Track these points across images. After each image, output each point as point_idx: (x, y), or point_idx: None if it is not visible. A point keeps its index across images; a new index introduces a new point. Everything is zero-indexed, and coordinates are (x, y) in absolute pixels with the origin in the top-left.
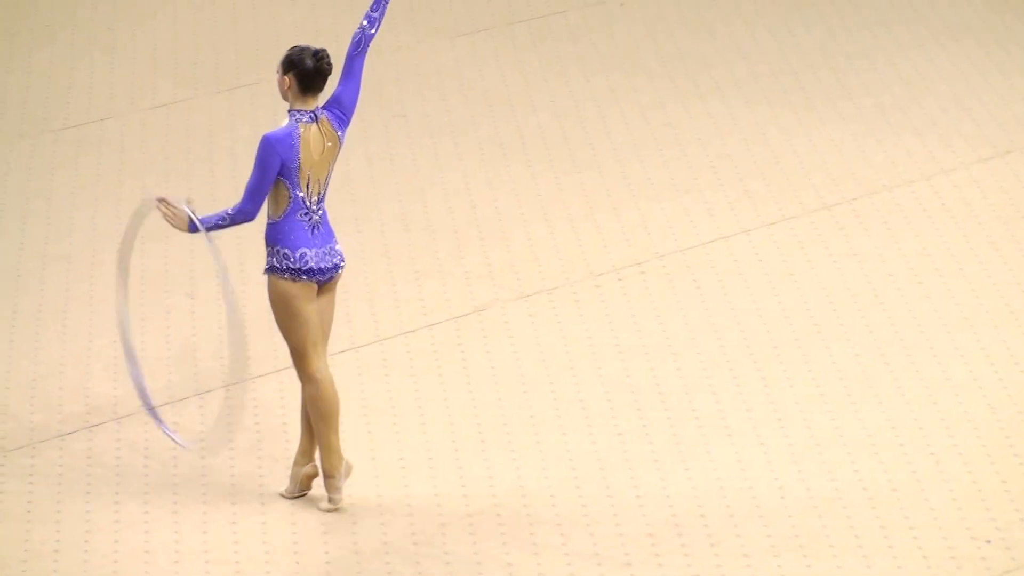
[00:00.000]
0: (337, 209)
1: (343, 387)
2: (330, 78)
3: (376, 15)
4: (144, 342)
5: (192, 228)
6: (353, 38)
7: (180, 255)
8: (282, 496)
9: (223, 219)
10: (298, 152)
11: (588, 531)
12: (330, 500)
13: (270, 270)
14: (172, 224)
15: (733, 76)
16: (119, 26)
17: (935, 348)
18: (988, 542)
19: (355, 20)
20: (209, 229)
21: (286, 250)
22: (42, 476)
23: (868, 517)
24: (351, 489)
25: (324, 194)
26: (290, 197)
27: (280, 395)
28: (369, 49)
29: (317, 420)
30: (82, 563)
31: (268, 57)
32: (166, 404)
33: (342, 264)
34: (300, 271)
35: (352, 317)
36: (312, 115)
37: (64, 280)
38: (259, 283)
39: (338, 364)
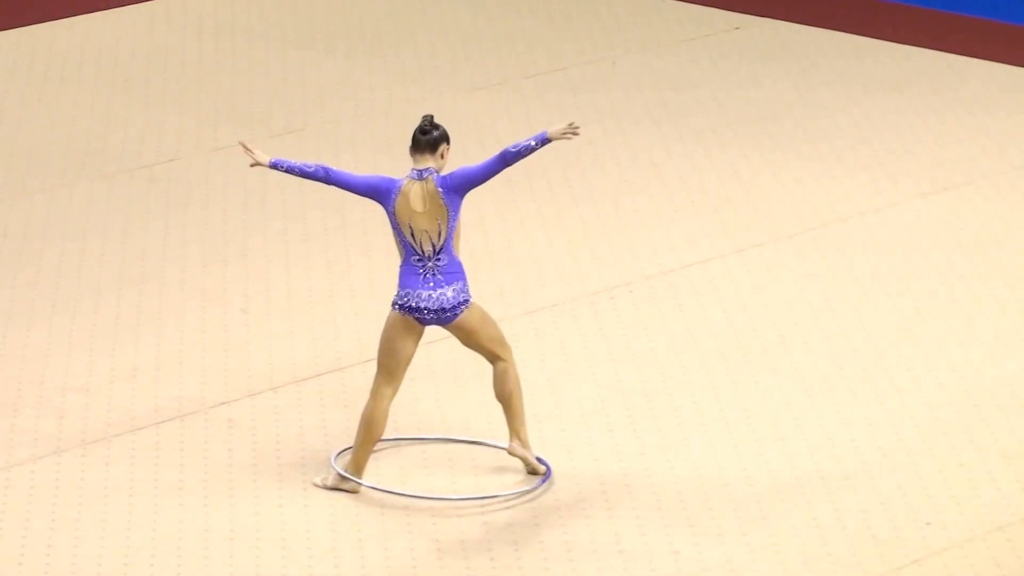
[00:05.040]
0: (370, 239)
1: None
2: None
3: (523, 144)
4: (205, 351)
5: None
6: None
7: (236, 274)
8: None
9: (305, 168)
10: (394, 201)
11: (584, 514)
12: (325, 477)
13: (392, 302)
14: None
15: (710, 123)
16: (186, 80)
17: (883, 356)
18: (928, 524)
19: (390, 74)
20: (286, 170)
21: (398, 288)
22: (116, 464)
23: (824, 501)
24: (382, 478)
25: (441, 248)
26: (401, 244)
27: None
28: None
29: (360, 428)
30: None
31: (313, 106)
32: (222, 404)
33: (450, 309)
34: (402, 306)
35: (378, 333)
36: (419, 174)
37: (137, 298)
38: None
39: (371, 370)
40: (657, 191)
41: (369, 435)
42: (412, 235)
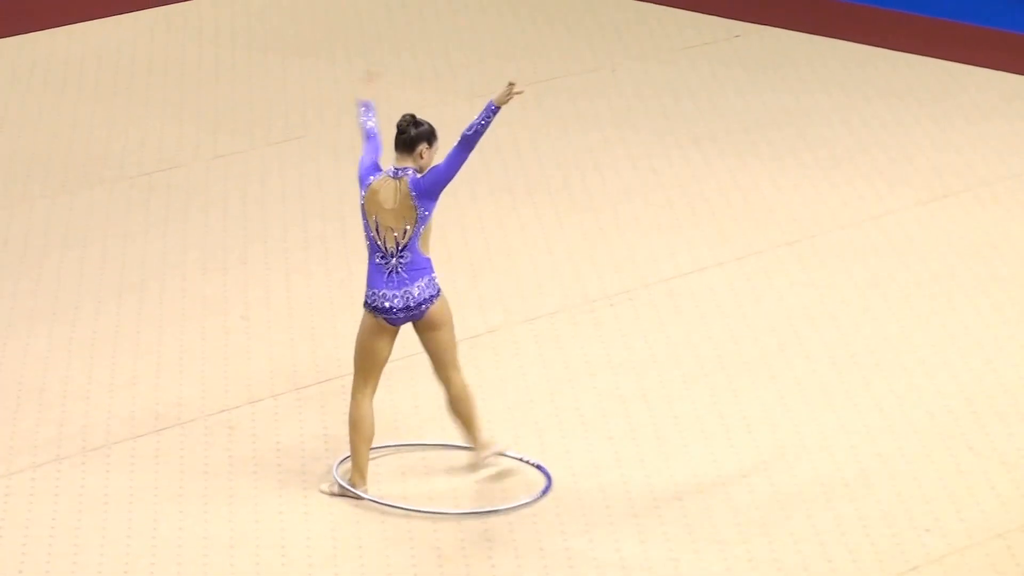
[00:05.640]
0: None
1: (382, 394)
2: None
3: (476, 123)
4: (205, 358)
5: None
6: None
7: (236, 281)
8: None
9: (366, 123)
10: (363, 192)
11: (584, 521)
12: (331, 484)
13: (364, 302)
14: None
15: (709, 131)
16: (186, 87)
17: (882, 364)
18: (927, 531)
19: (390, 81)
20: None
21: (366, 288)
22: (116, 471)
23: (824, 509)
24: (379, 486)
25: (405, 247)
26: (367, 238)
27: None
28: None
29: (350, 433)
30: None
31: (312, 114)
32: (222, 411)
33: (416, 306)
34: (371, 306)
35: None
36: (395, 172)
37: (137, 305)
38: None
39: None
40: (657, 198)
41: (360, 437)
42: (377, 230)
